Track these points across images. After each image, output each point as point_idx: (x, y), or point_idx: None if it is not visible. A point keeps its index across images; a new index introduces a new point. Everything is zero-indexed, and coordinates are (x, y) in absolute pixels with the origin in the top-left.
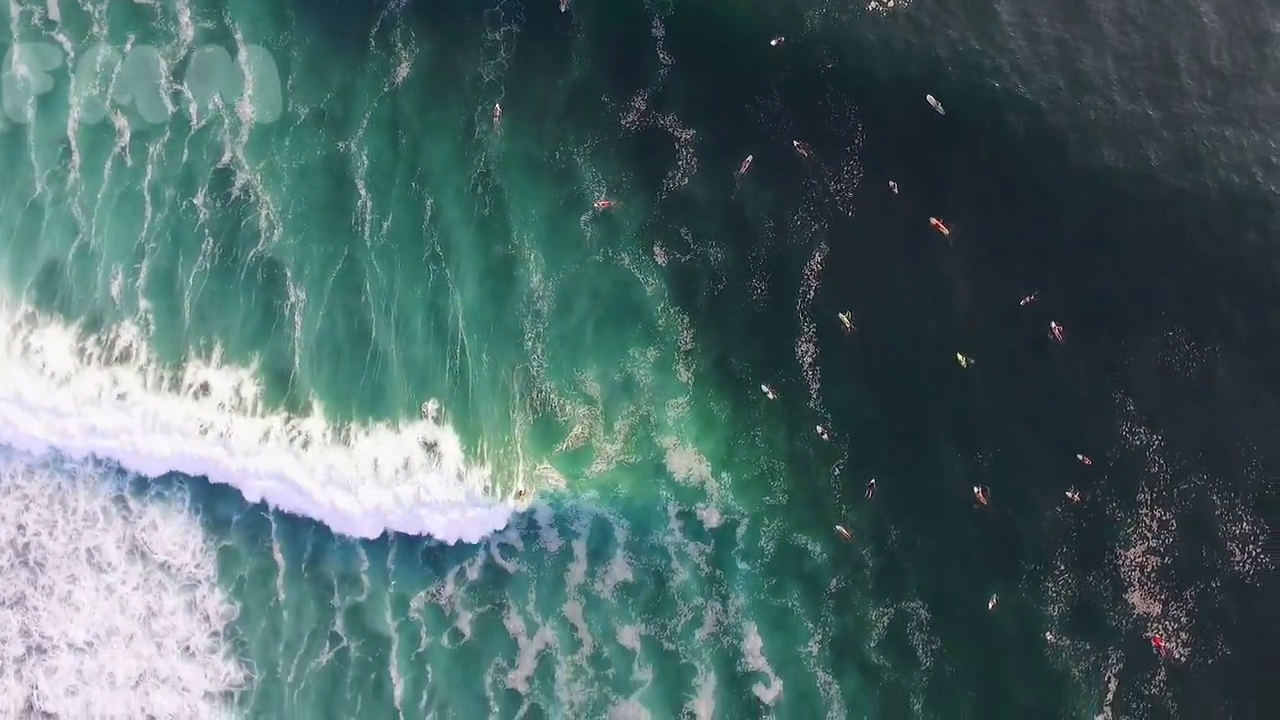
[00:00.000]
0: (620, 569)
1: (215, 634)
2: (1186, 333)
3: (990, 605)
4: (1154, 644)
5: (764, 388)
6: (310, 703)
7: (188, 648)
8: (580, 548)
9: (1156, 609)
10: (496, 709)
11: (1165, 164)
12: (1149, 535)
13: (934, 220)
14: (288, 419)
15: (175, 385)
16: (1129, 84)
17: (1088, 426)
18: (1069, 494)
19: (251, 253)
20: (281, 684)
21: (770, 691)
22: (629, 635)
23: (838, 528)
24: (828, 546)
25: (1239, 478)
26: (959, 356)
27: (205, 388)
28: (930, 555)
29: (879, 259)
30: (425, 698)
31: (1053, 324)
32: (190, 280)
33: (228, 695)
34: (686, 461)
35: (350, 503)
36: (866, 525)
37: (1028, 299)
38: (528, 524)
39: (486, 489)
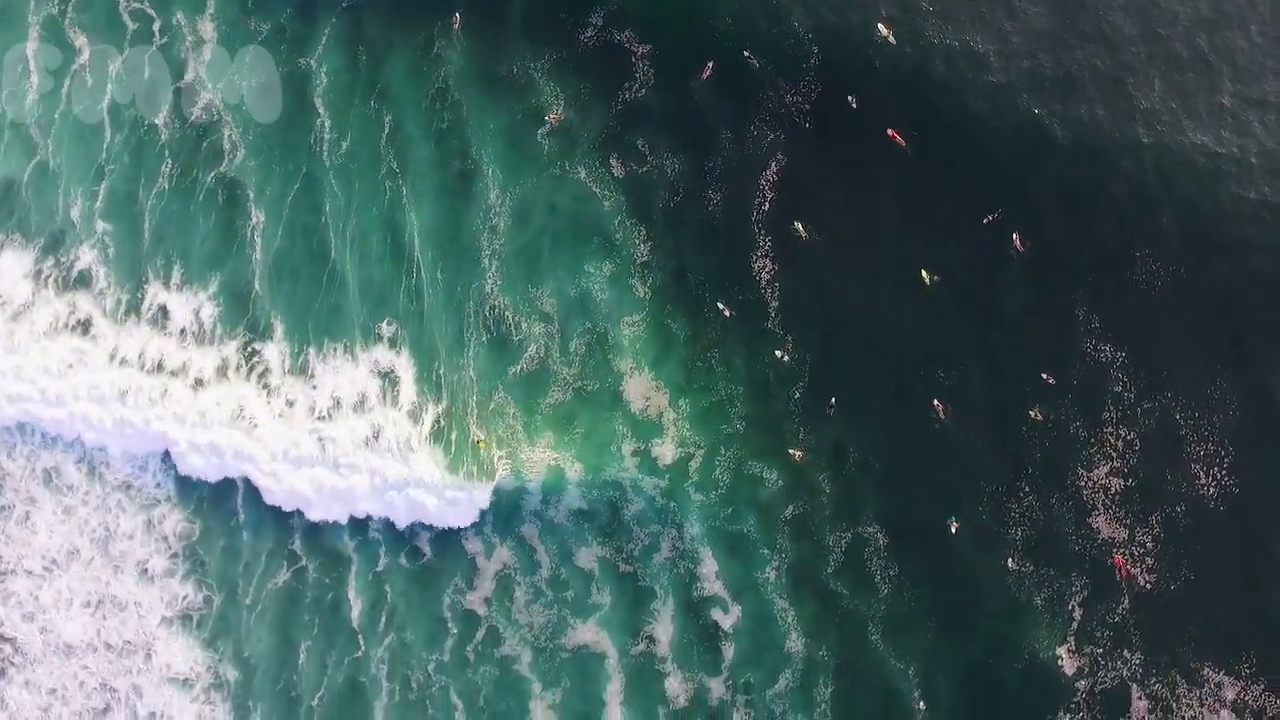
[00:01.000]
0: (575, 500)
1: (174, 555)
2: (1152, 251)
3: (951, 529)
4: (1115, 564)
5: (720, 305)
6: (268, 625)
7: (145, 570)
8: (536, 486)
9: (1122, 534)
10: (455, 630)
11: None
12: (1113, 455)
13: (891, 132)
14: (246, 344)
15: (134, 309)
16: None
17: (1051, 344)
18: (1031, 413)
19: (212, 174)
20: (239, 606)
21: (729, 618)
22: (586, 557)
23: (793, 451)
24: (784, 473)
25: (1203, 397)
26: (923, 274)
27: (164, 312)
28: (889, 479)
29: (836, 172)
30: (383, 619)
31: (1015, 236)
32: (150, 201)
33: (185, 618)
34: (643, 389)
35: (305, 485)
36: (825, 449)
37: (990, 217)
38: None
39: (442, 434)
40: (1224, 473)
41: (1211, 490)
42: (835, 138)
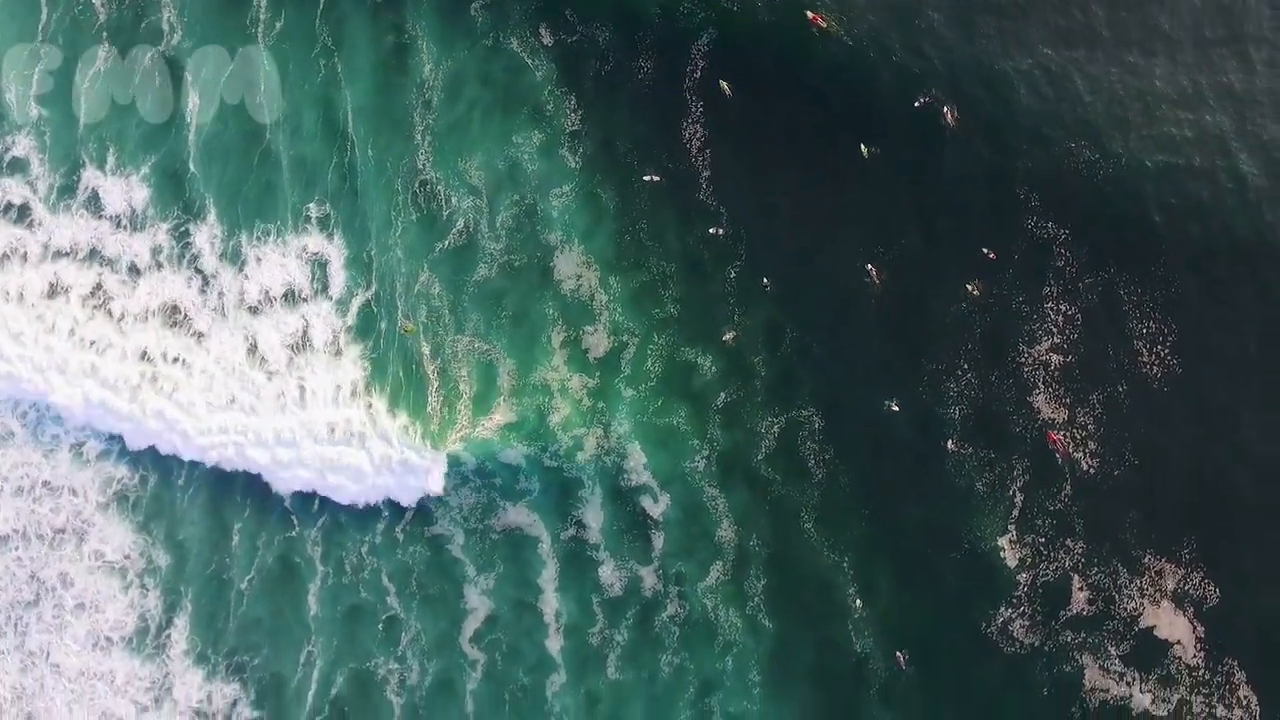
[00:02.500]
0: (503, 414)
1: (110, 437)
2: (1091, 129)
3: (889, 409)
4: (1050, 440)
5: (650, 174)
6: (200, 506)
7: (81, 453)
8: (468, 388)
9: (1063, 414)
10: (385, 512)
11: None
12: (1054, 331)
13: (811, 14)
14: (178, 227)
15: (69, 193)
16: None
17: (991, 220)
18: (970, 286)
19: (149, 55)
20: (173, 487)
21: (658, 506)
22: (512, 455)
23: (728, 334)
24: (718, 360)
25: (1147, 273)
26: (861, 146)
27: (98, 197)
28: (826, 359)
29: (767, 46)
30: (316, 501)
31: (945, 110)
32: (86, 85)
33: (121, 499)
34: (573, 265)
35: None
36: (760, 330)
37: (922, 99)
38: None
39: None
40: (1167, 351)
41: (1155, 369)
42: (765, 13)
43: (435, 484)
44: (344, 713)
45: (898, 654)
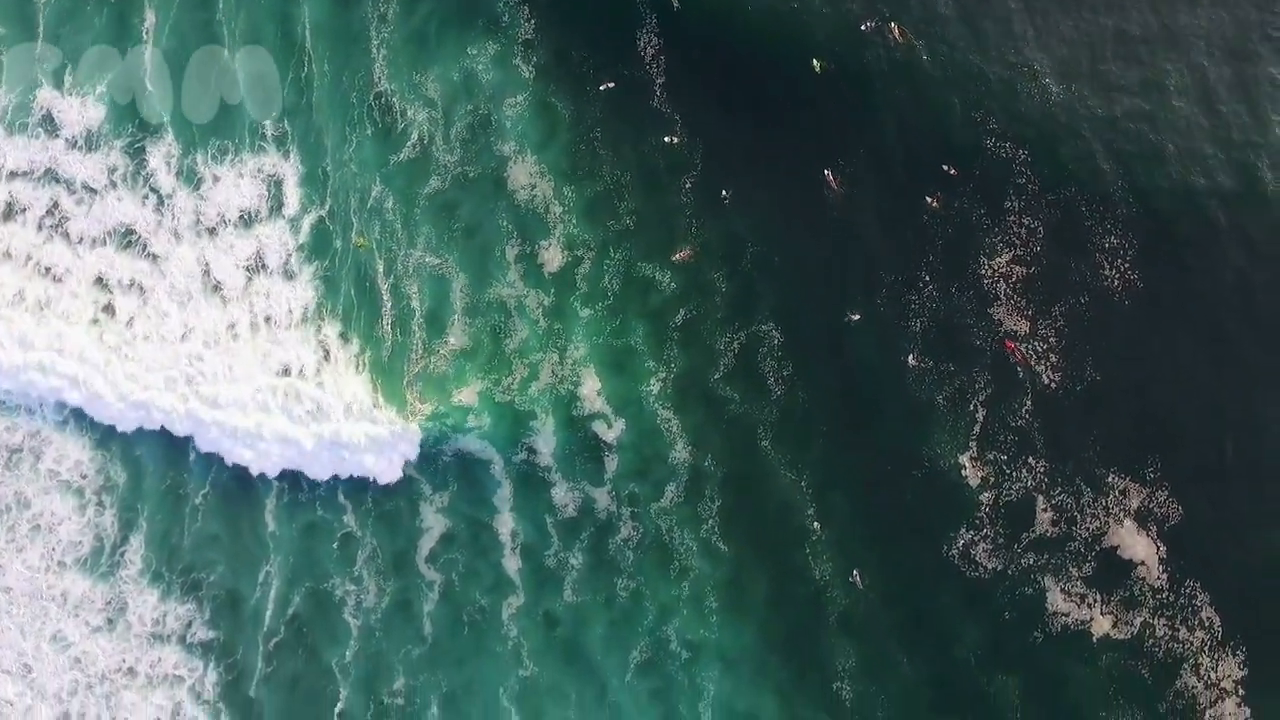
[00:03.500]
0: (457, 337)
1: None
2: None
3: (849, 321)
4: (1008, 348)
5: (603, 83)
6: None
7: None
8: (420, 307)
9: (1024, 326)
10: None
11: None
12: (1016, 243)
13: None
14: (134, 144)
15: (24, 110)
16: None
17: (951, 139)
18: (929, 199)
19: None
20: None
21: (612, 431)
22: (466, 395)
23: (685, 250)
24: (677, 276)
25: (1109, 192)
26: (814, 61)
27: (52, 118)
28: (785, 272)
29: None
30: None
31: (891, 25)
32: (43, 2)
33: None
34: (527, 175)
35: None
36: (719, 244)
37: (869, 24)
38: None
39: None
40: (1128, 266)
41: (1116, 283)
42: None
43: (390, 432)
44: (302, 633)
45: (854, 573)
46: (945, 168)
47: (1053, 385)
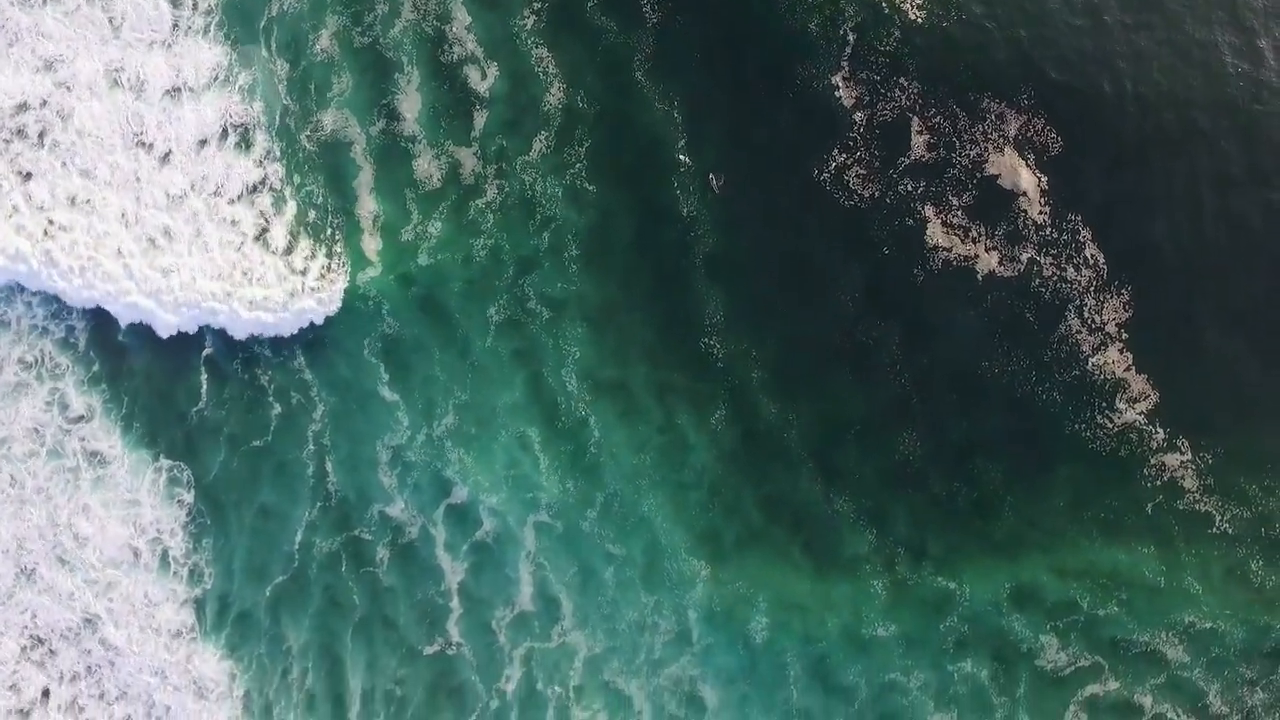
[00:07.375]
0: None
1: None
2: None
3: None
4: None
5: None
6: None
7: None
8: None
9: None
10: None
11: None
12: None
13: None
14: None
15: None
16: None
17: None
18: None
19: None
20: None
21: (485, 81)
22: (324, 40)
23: None
24: None
25: None
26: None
27: None
28: None
29: None
30: None
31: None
32: None
33: None
34: None
35: None
36: None
37: None
38: None
39: None
40: None
41: None
42: None
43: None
44: None
45: (709, 176)
46: None
47: (918, 20)
